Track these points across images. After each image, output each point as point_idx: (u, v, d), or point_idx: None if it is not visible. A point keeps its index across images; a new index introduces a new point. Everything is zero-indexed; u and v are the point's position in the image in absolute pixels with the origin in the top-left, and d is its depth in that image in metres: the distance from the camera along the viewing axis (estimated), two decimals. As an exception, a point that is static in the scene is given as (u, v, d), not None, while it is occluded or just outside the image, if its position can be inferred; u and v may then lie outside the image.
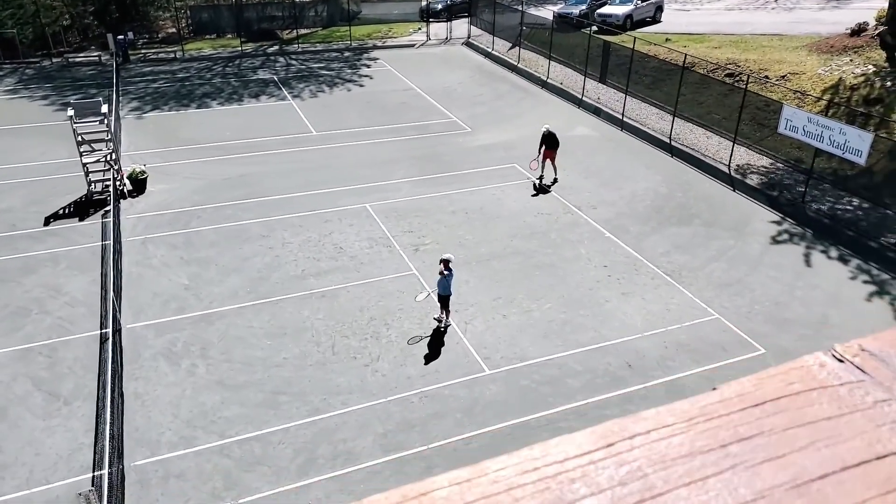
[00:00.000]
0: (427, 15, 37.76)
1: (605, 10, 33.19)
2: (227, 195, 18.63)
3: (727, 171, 20.29)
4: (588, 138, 23.02)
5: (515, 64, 30.78)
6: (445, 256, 13.03)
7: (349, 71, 30.95)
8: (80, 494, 7.70)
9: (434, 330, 13.36)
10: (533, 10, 35.10)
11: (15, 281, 14.52)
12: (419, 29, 37.85)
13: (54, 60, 30.68)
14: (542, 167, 19.62)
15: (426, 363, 12.61)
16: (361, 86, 28.92)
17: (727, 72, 24.76)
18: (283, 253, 16.02)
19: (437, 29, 37.06)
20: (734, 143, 20.75)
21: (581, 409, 11.50)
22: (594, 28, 30.26)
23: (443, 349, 12.96)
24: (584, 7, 33.86)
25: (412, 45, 35.54)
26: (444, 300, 13.16)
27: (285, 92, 27.75)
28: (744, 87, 20.82)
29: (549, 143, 19.46)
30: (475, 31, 35.94)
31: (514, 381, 12.15)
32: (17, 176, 19.33)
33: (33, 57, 30.68)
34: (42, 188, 18.66)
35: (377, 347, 12.97)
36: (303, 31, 35.67)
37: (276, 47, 34.26)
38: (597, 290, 14.73)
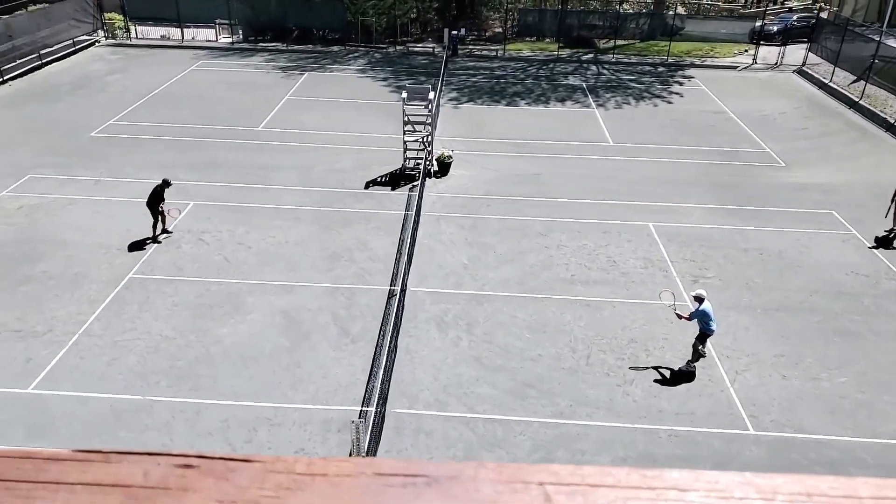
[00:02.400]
0: (758, 37, 34.94)
1: None
2: (517, 190, 19.50)
3: None
4: (936, 197, 19.26)
5: (856, 100, 26.98)
6: (696, 292, 12.23)
7: (659, 86, 30.11)
8: (352, 422, 8.81)
9: (696, 368, 12.46)
10: (893, 42, 30.35)
11: (336, 230, 17.02)
12: (745, 51, 35.24)
13: (398, 48, 35.03)
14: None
15: (682, 401, 11.85)
16: (669, 102, 27.95)
17: None
18: (557, 255, 16.28)
19: (766, 53, 34.11)
20: None
21: (861, 505, 9.78)
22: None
23: (704, 392, 12.04)
24: (964, 43, 28.30)
25: (734, 68, 33.27)
26: (701, 336, 12.30)
27: (591, 100, 28.02)
28: None
29: None
30: (813, 58, 32.31)
31: (782, 451, 10.80)
32: (352, 143, 22.55)
33: (382, 43, 35.39)
34: (368, 156, 21.51)
35: (633, 371, 12.55)
36: (620, 42, 35.58)
37: (591, 55, 34.71)
38: (911, 376, 12.35)
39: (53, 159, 20.46)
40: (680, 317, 12.35)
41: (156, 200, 15.76)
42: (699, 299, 12.09)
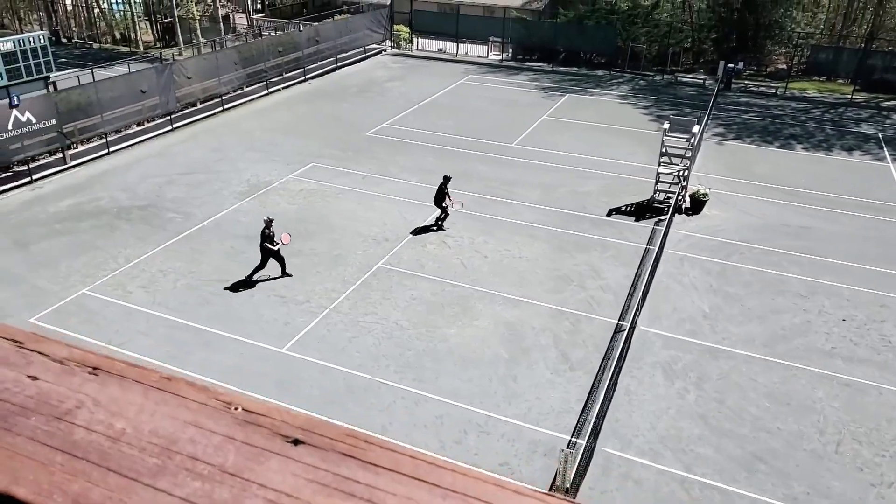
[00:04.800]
0: None
1: None
2: (779, 242, 17.58)
3: None
4: None
5: None
6: None
7: (983, 145, 25.10)
8: (561, 450, 8.62)
9: None
10: None
11: (570, 253, 16.89)
12: None
13: (665, 77, 33.78)
14: None
15: (961, 528, 9.66)
16: None
17: None
18: (817, 321, 14.35)
19: None
20: None
21: None
22: None
23: None
24: None
25: None
26: None
27: (886, 152, 24.34)
28: None
29: None
30: None
31: None
32: (601, 168, 22.23)
33: (649, 71, 34.40)
34: (616, 183, 21.01)
35: (895, 472, 10.55)
36: (936, 89, 30.37)
37: (894, 102, 30.12)
38: None
39: (333, 151, 23.23)
40: None
41: (441, 196, 17.19)
42: None
